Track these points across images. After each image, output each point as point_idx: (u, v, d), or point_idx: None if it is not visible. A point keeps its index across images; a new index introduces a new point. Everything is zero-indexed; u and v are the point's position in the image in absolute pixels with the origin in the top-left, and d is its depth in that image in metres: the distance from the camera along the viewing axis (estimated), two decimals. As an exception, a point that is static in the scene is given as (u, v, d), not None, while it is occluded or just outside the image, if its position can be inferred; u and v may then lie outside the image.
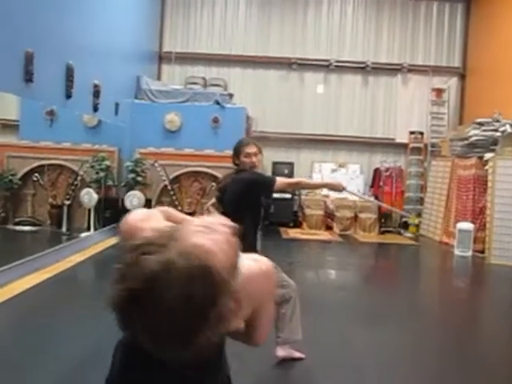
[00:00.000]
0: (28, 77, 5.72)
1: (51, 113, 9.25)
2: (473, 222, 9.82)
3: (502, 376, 4.08)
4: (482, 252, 9.30)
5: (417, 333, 4.99)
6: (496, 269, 8.48)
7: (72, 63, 6.91)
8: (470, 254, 9.52)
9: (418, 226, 12.33)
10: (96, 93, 8.18)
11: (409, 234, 12.03)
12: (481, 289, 7.77)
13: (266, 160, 12.25)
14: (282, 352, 3.93)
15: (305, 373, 3.82)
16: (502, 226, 8.84)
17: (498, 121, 9.96)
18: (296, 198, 12.43)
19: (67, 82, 6.79)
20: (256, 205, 3.72)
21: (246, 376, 3.72)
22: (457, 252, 9.66)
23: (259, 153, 3.79)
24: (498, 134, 9.75)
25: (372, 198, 11.49)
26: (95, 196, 9.25)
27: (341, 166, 12.86)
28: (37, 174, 9.69)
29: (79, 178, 9.73)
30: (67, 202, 9.50)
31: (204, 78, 12.41)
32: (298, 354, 3.97)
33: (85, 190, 9.36)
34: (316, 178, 12.70)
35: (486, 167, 9.50)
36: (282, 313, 3.87)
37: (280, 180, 3.71)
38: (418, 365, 4.15)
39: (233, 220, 3.76)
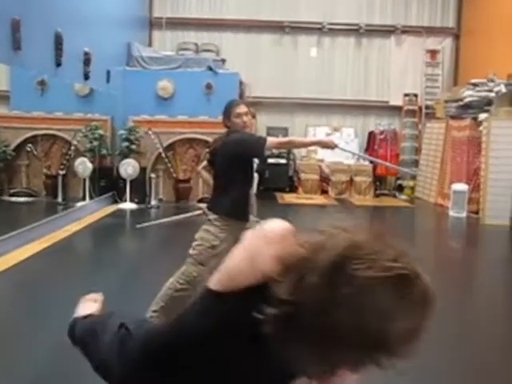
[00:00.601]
0: (16, 45, 5.63)
1: (42, 82, 9.15)
2: (467, 183, 9.86)
3: (497, 333, 4.16)
4: (477, 213, 9.36)
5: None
6: (490, 229, 8.56)
7: (61, 31, 6.79)
8: (464, 214, 9.59)
9: (412, 188, 12.38)
10: (86, 60, 8.06)
11: (404, 197, 12.08)
12: (476, 249, 7.85)
13: (260, 125, 12.19)
14: None
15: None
16: (495, 186, 8.88)
17: (492, 81, 9.90)
18: (291, 162, 12.43)
19: (56, 49, 6.68)
20: (248, 167, 3.69)
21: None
22: (451, 213, 9.72)
23: (250, 113, 3.74)
24: (493, 94, 9.71)
25: (367, 155, 11.50)
26: (90, 165, 9.23)
27: (335, 129, 12.81)
28: (30, 145, 9.64)
29: (73, 147, 9.69)
30: (62, 172, 9.47)
31: (196, 44, 12.25)
32: None
33: (79, 160, 9.34)
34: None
35: (481, 128, 9.49)
36: None
37: (271, 139, 3.66)
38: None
39: (224, 183, 3.74)
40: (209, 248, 3.58)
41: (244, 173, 3.65)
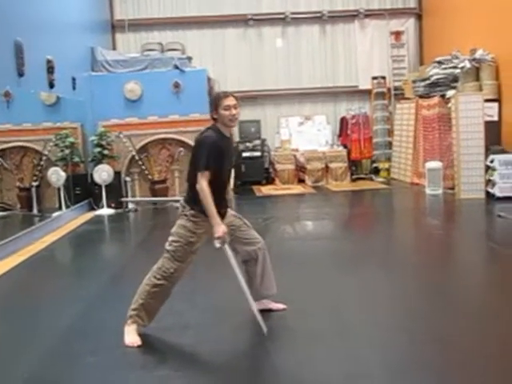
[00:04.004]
0: (-26, 58, 5.54)
1: (7, 94, 8.99)
2: (441, 161, 9.97)
3: (477, 306, 4.22)
4: (453, 188, 9.47)
5: (396, 272, 5.09)
6: (467, 203, 8.67)
7: (20, 40, 6.70)
8: (440, 191, 9.70)
9: (388, 170, 12.48)
10: (50, 68, 7.97)
11: (380, 179, 12.17)
12: (454, 223, 7.94)
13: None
14: (257, 306, 3.98)
15: (283, 320, 3.89)
16: (468, 161, 8.98)
17: (457, 58, 10.01)
18: (266, 154, 12.43)
19: (17, 59, 6.59)
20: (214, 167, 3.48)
21: (224, 327, 3.80)
22: (428, 191, 9.83)
23: (239, 106, 3.66)
24: (458, 70, 9.81)
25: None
26: (63, 174, 9.11)
27: (307, 118, 12.85)
28: (0, 159, 9.48)
29: (44, 157, 9.55)
30: (35, 184, 9.34)
31: (161, 44, 12.16)
32: (276, 306, 4.01)
33: (51, 170, 9.21)
34: (283, 133, 12.70)
35: (449, 105, 9.58)
36: (251, 271, 3.89)
37: (203, 179, 3.42)
38: (399, 303, 4.24)
39: (194, 180, 3.56)
40: (185, 245, 3.55)
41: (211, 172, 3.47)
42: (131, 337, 3.53)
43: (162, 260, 3.60)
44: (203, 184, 3.44)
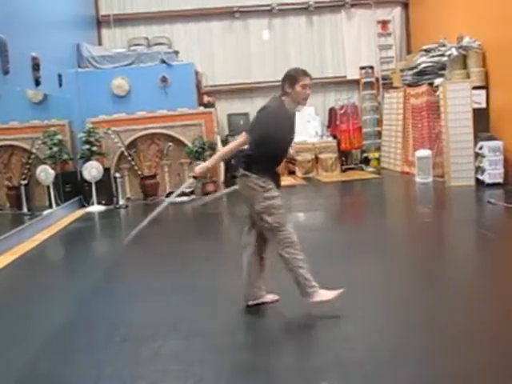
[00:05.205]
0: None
1: (-8, 93, 8.90)
2: (430, 149, 10.00)
3: (469, 292, 4.24)
4: (442, 176, 9.50)
5: (388, 261, 5.10)
6: (457, 190, 8.70)
7: (3, 37, 6.62)
8: (430, 179, 9.74)
9: (378, 159, 12.50)
10: (35, 66, 7.89)
11: (370, 169, 12.19)
12: (445, 211, 7.96)
13: (220, 113, 12.12)
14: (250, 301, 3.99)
15: (275, 309, 3.90)
16: (457, 148, 9.01)
17: (444, 45, 10.02)
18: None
19: (2, 56, 6.52)
20: (263, 142, 3.70)
21: (220, 319, 3.79)
22: (418, 179, 9.86)
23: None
24: (445, 58, 9.82)
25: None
26: (51, 172, 9.05)
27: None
28: (-12, 158, 9.40)
29: (32, 156, 9.48)
30: (24, 182, 9.27)
31: (147, 38, 12.08)
32: (269, 297, 4.00)
33: (40, 168, 9.14)
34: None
35: (437, 93, 9.60)
36: (254, 264, 3.89)
37: (242, 136, 3.72)
38: (390, 291, 4.26)
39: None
40: (280, 209, 3.71)
41: (264, 146, 3.71)
42: (327, 295, 3.68)
43: (277, 238, 3.67)
44: (237, 140, 3.71)
